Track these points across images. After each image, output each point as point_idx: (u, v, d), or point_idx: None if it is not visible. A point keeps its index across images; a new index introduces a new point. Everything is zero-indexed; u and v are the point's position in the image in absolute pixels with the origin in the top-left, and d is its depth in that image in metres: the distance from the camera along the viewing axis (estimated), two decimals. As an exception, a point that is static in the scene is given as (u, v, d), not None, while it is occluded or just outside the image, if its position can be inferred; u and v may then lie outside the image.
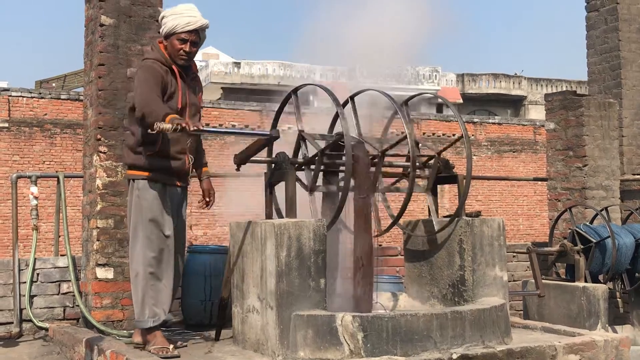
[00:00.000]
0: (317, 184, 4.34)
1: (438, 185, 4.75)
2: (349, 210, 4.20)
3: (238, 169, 4.19)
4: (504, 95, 35.68)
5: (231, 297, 4.41)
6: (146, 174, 4.28)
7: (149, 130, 3.96)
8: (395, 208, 4.53)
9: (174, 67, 4.29)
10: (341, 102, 4.36)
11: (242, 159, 4.16)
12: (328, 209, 4.38)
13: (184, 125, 3.87)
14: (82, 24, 5.64)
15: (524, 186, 23.18)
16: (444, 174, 4.64)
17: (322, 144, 4.45)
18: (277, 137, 4.09)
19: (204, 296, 5.38)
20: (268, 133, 4.11)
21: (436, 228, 4.57)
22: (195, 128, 3.93)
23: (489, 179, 19.80)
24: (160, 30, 4.34)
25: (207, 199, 4.60)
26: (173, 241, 4.33)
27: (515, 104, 36.23)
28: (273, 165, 4.30)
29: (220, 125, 19.37)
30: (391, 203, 4.86)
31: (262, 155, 4.30)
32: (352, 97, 4.64)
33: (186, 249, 5.61)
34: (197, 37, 4.30)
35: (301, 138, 4.39)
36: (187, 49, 4.28)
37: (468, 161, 4.43)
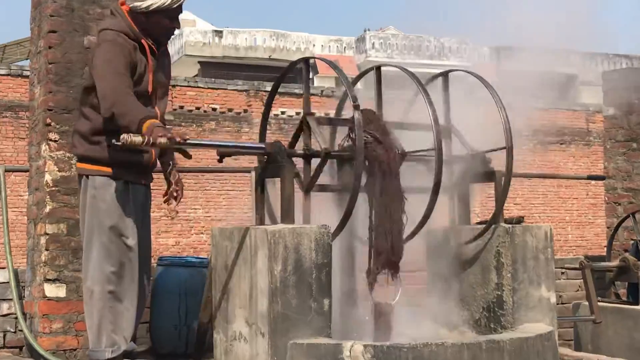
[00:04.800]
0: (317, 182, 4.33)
1: (470, 184, 4.75)
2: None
3: (220, 161, 4.19)
4: (549, 72, 35.70)
5: (212, 321, 4.42)
6: (106, 169, 4.27)
7: (114, 141, 3.97)
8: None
9: (142, 40, 4.31)
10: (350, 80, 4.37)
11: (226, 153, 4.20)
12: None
13: (161, 138, 3.83)
14: (27, -19, 5.65)
15: (574, 186, 23.19)
16: (478, 170, 4.65)
17: (327, 132, 4.43)
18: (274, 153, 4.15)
19: (178, 320, 5.41)
20: (263, 147, 4.19)
21: (469, 237, 4.58)
22: (180, 140, 3.89)
23: (531, 176, 19.76)
24: (141, 4, 4.26)
25: (175, 193, 4.36)
26: (137, 253, 4.33)
27: (563, 84, 36.27)
28: (266, 157, 4.29)
29: (198, 108, 19.40)
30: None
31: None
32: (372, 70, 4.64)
33: (155, 261, 5.62)
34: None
35: (305, 124, 4.35)
36: (176, 26, 4.43)
37: (508, 156, 4.44)
